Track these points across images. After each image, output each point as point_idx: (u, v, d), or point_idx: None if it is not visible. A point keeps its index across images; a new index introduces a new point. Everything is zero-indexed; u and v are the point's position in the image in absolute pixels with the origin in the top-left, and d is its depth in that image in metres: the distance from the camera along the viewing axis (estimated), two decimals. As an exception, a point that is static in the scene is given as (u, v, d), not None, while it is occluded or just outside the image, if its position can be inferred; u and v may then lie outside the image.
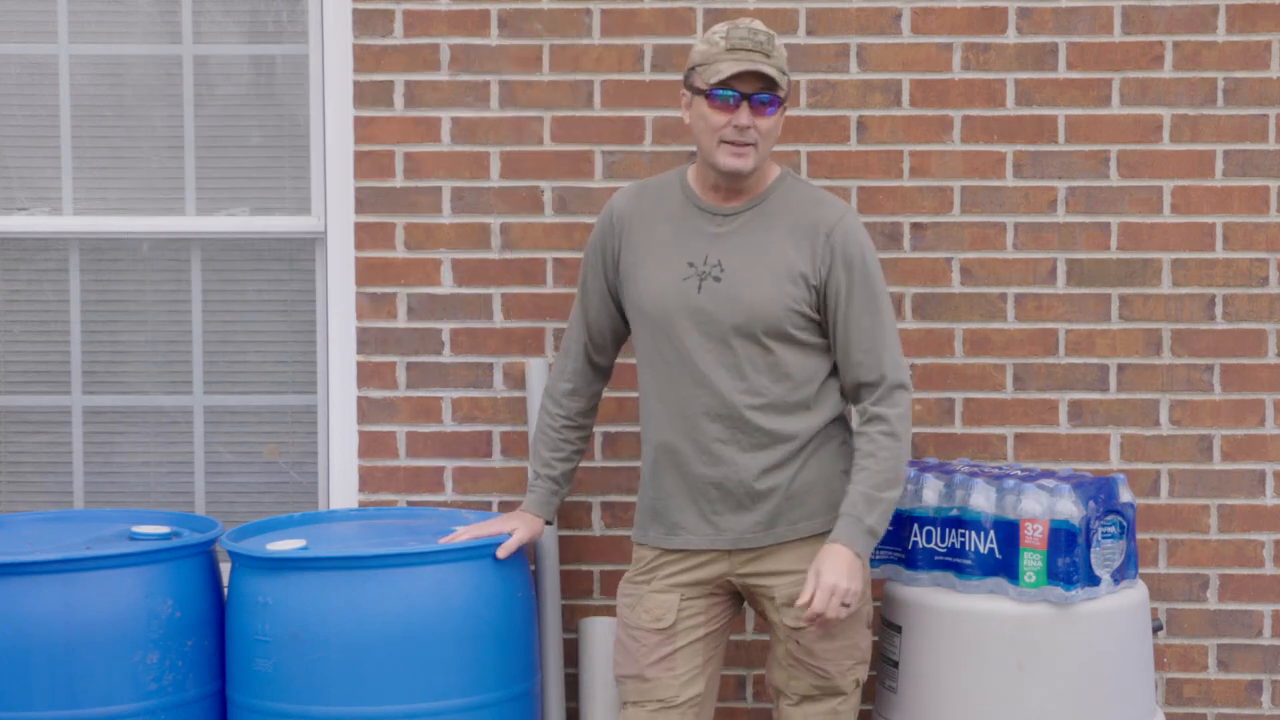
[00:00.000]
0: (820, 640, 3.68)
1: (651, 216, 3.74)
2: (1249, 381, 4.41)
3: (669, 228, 3.71)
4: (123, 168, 4.64)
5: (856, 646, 3.74)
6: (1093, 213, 4.40)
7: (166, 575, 3.91)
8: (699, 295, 3.64)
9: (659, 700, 3.71)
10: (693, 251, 3.67)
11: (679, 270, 3.67)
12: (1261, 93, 4.37)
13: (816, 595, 3.53)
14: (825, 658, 3.70)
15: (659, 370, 3.70)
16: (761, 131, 3.58)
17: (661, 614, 3.72)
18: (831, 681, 3.72)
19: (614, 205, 3.82)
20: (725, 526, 3.68)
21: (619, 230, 3.78)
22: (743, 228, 3.66)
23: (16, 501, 4.66)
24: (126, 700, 3.84)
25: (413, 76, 4.42)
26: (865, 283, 3.64)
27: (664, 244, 3.70)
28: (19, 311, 4.65)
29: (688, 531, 3.71)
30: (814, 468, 3.67)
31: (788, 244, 3.63)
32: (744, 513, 3.66)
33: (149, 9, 4.63)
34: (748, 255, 3.63)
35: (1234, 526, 4.43)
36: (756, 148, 3.60)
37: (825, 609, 3.53)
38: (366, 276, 4.45)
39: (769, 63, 3.57)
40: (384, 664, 3.78)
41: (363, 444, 4.47)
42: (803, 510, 3.68)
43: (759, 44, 3.57)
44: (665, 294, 3.67)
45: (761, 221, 3.66)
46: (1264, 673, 4.46)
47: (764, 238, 3.64)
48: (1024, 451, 4.43)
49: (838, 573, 3.55)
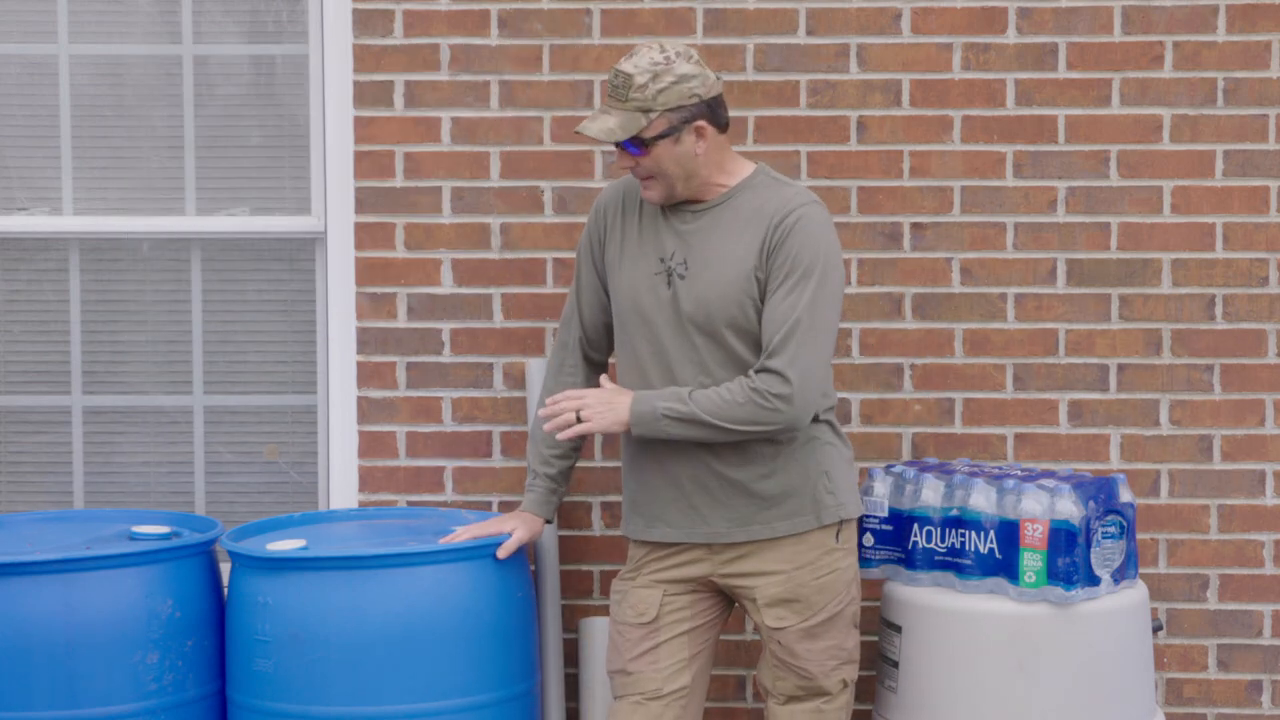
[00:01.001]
0: (802, 641, 3.69)
1: (631, 211, 3.77)
2: (1249, 381, 4.41)
3: (646, 223, 3.74)
4: (123, 168, 4.64)
5: (840, 647, 3.74)
6: (1093, 213, 4.40)
7: (166, 575, 3.91)
8: (668, 290, 3.66)
9: (641, 692, 3.72)
10: (663, 247, 3.70)
11: (651, 265, 3.70)
12: (1261, 93, 4.37)
13: (568, 391, 3.71)
14: (808, 658, 3.70)
15: (634, 364, 3.72)
16: (647, 168, 3.63)
17: (644, 609, 3.73)
18: (815, 682, 3.72)
19: (600, 199, 3.86)
20: (701, 521, 3.69)
21: (603, 223, 3.81)
22: (708, 225, 3.68)
23: (16, 501, 4.66)
24: (126, 700, 3.84)
25: (413, 76, 4.43)
26: (795, 265, 3.58)
27: (639, 239, 3.74)
28: (19, 311, 4.65)
29: (664, 524, 3.72)
30: (793, 468, 3.66)
31: (744, 238, 3.64)
32: (719, 508, 3.67)
33: (149, 9, 4.63)
34: (708, 252, 3.65)
35: (1234, 526, 4.43)
36: (657, 180, 3.64)
37: (559, 402, 3.66)
38: (366, 276, 4.45)
39: (620, 108, 3.59)
40: (384, 664, 3.78)
41: (363, 444, 4.47)
42: (780, 510, 3.67)
43: (615, 90, 3.60)
44: (639, 288, 3.70)
45: (726, 218, 3.67)
46: (1264, 673, 4.46)
47: (724, 235, 3.66)
48: (1024, 451, 4.43)
49: (600, 395, 3.65)
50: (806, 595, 3.68)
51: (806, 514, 3.68)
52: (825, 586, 3.69)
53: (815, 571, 3.69)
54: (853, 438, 4.16)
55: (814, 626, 3.69)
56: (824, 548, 3.70)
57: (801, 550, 3.68)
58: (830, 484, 3.70)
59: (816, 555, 3.69)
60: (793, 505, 3.68)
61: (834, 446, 3.74)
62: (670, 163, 3.63)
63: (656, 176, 3.64)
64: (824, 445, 3.71)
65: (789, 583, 3.68)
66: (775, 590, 3.67)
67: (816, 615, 3.69)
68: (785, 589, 3.68)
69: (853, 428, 4.40)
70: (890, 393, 4.42)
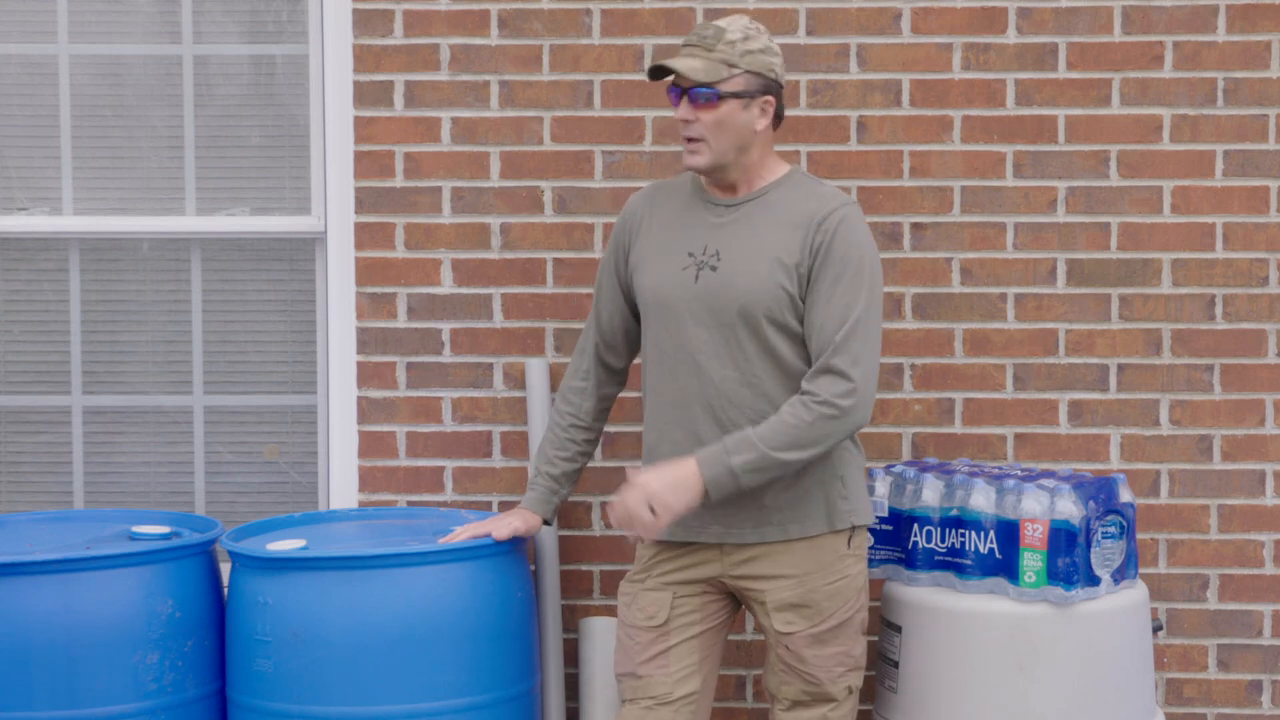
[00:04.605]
0: (811, 646, 3.67)
1: (662, 211, 3.76)
2: (1249, 381, 4.41)
3: (676, 220, 3.73)
4: (123, 168, 4.64)
5: (849, 654, 3.72)
6: (1093, 213, 4.40)
7: (166, 575, 3.91)
8: (696, 285, 3.64)
9: (652, 697, 3.71)
10: (693, 242, 3.68)
11: (680, 260, 3.68)
12: (1261, 93, 4.37)
13: (627, 491, 3.51)
14: (815, 664, 3.68)
15: (659, 362, 3.70)
16: (707, 125, 3.59)
17: (654, 611, 3.72)
18: (822, 688, 3.70)
19: (630, 203, 3.86)
20: (712, 520, 3.66)
21: (631, 227, 3.80)
22: (742, 219, 3.66)
23: (16, 501, 4.66)
24: (126, 700, 3.84)
25: (413, 76, 4.43)
26: (845, 265, 3.57)
27: (669, 236, 3.72)
28: (19, 311, 4.65)
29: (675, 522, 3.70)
30: (809, 470, 3.63)
31: (782, 234, 3.62)
32: (731, 508, 3.64)
33: (149, 9, 4.63)
34: (743, 245, 3.63)
35: (1234, 526, 4.43)
36: (708, 143, 3.60)
37: (627, 503, 3.50)
38: (366, 276, 4.45)
39: (706, 56, 3.58)
40: (384, 664, 3.78)
41: (363, 444, 4.47)
42: (793, 513, 3.65)
43: (703, 38, 3.60)
44: (666, 283, 3.68)
45: (760, 213, 3.66)
46: (1264, 673, 4.46)
47: (761, 228, 3.64)
48: (1024, 451, 4.43)
49: (664, 479, 3.50)
50: (817, 601, 3.66)
51: (819, 517, 3.66)
52: (836, 592, 3.67)
53: (827, 577, 3.67)
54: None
55: (823, 633, 3.67)
56: (836, 553, 3.68)
57: (814, 555, 3.66)
58: (845, 489, 3.68)
59: (829, 561, 3.67)
60: (807, 508, 3.66)
61: (850, 453, 3.71)
62: (731, 127, 3.60)
63: (708, 140, 3.60)
64: (841, 450, 3.68)
65: (800, 588, 3.65)
66: (786, 595, 3.65)
67: (826, 621, 3.67)
68: (796, 594, 3.65)
69: (853, 428, 4.40)
70: (890, 393, 4.42)
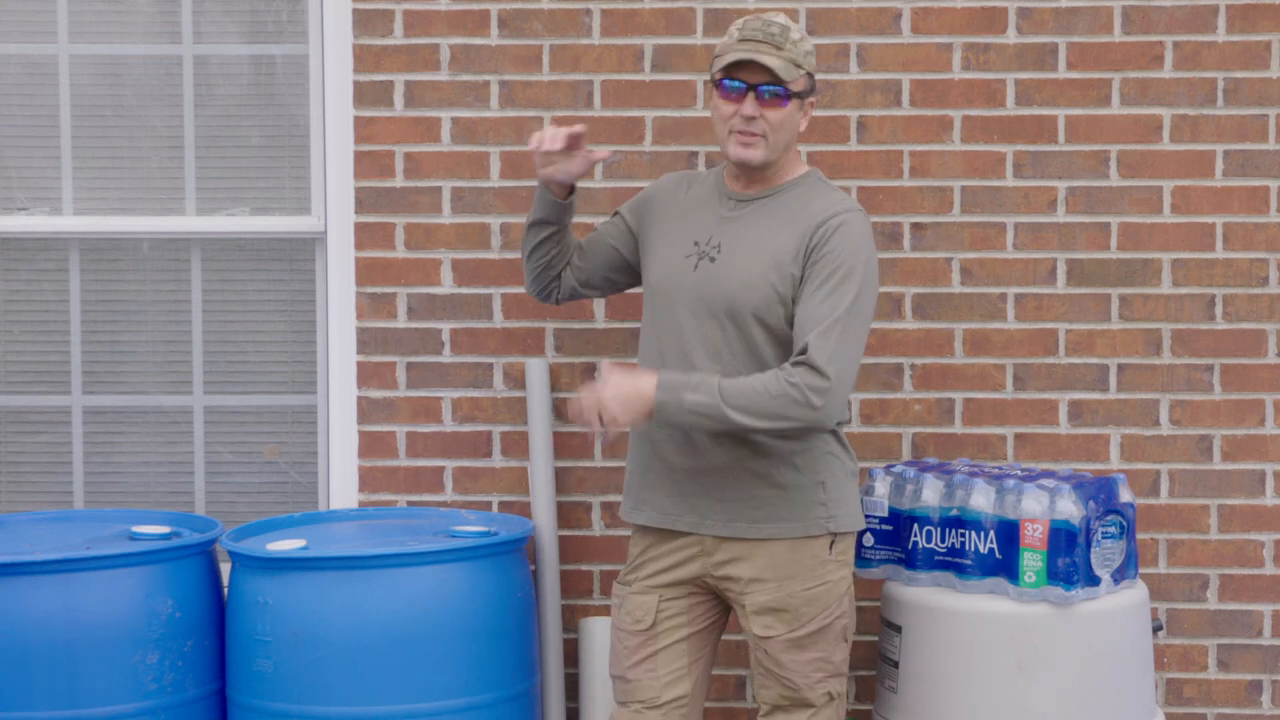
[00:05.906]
0: (788, 651, 3.65)
1: (680, 198, 3.77)
2: (1249, 381, 4.41)
3: (692, 209, 3.74)
4: (123, 168, 4.64)
5: (828, 660, 3.68)
6: (1093, 213, 4.40)
7: (166, 575, 3.91)
8: (694, 274, 3.64)
9: (640, 701, 3.70)
10: (700, 231, 3.69)
11: (685, 248, 3.68)
12: (1261, 93, 4.37)
13: (586, 391, 3.50)
14: (793, 669, 3.65)
15: (653, 347, 3.70)
16: (771, 123, 3.58)
17: (641, 615, 3.71)
18: (800, 693, 3.67)
19: (658, 181, 3.88)
20: (689, 509, 3.65)
21: (652, 205, 3.81)
22: (750, 215, 3.66)
23: (16, 501, 4.66)
24: (126, 700, 3.84)
25: (413, 76, 4.43)
26: (836, 267, 3.55)
27: (680, 223, 3.73)
28: (19, 311, 4.65)
29: (650, 507, 3.69)
30: (787, 470, 3.62)
31: (784, 234, 3.61)
32: (708, 498, 3.64)
33: (149, 9, 4.63)
34: (745, 241, 3.63)
35: (1234, 526, 4.43)
36: (766, 139, 3.59)
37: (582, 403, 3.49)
38: (366, 276, 4.45)
39: (778, 55, 3.55)
40: (384, 664, 3.78)
41: (363, 444, 4.47)
42: (768, 512, 3.62)
43: (770, 35, 3.56)
44: (668, 270, 3.69)
45: (768, 211, 3.66)
46: (1264, 673, 4.46)
47: (765, 227, 3.64)
48: (1024, 451, 4.43)
49: (619, 391, 3.47)
50: (795, 606, 3.63)
51: (793, 520, 3.63)
52: (815, 598, 3.64)
53: (805, 582, 3.63)
54: (853, 438, 4.17)
55: (801, 638, 3.64)
56: (817, 558, 3.65)
57: (792, 559, 3.63)
58: (825, 494, 3.64)
59: (808, 566, 3.63)
60: (782, 509, 3.62)
61: (836, 458, 3.68)
62: (789, 127, 3.61)
63: (768, 136, 3.59)
64: (825, 454, 3.66)
65: (778, 592, 3.63)
66: (764, 599, 3.63)
67: (804, 626, 3.64)
68: (774, 598, 3.63)
69: (853, 428, 4.40)
70: (890, 393, 4.42)
